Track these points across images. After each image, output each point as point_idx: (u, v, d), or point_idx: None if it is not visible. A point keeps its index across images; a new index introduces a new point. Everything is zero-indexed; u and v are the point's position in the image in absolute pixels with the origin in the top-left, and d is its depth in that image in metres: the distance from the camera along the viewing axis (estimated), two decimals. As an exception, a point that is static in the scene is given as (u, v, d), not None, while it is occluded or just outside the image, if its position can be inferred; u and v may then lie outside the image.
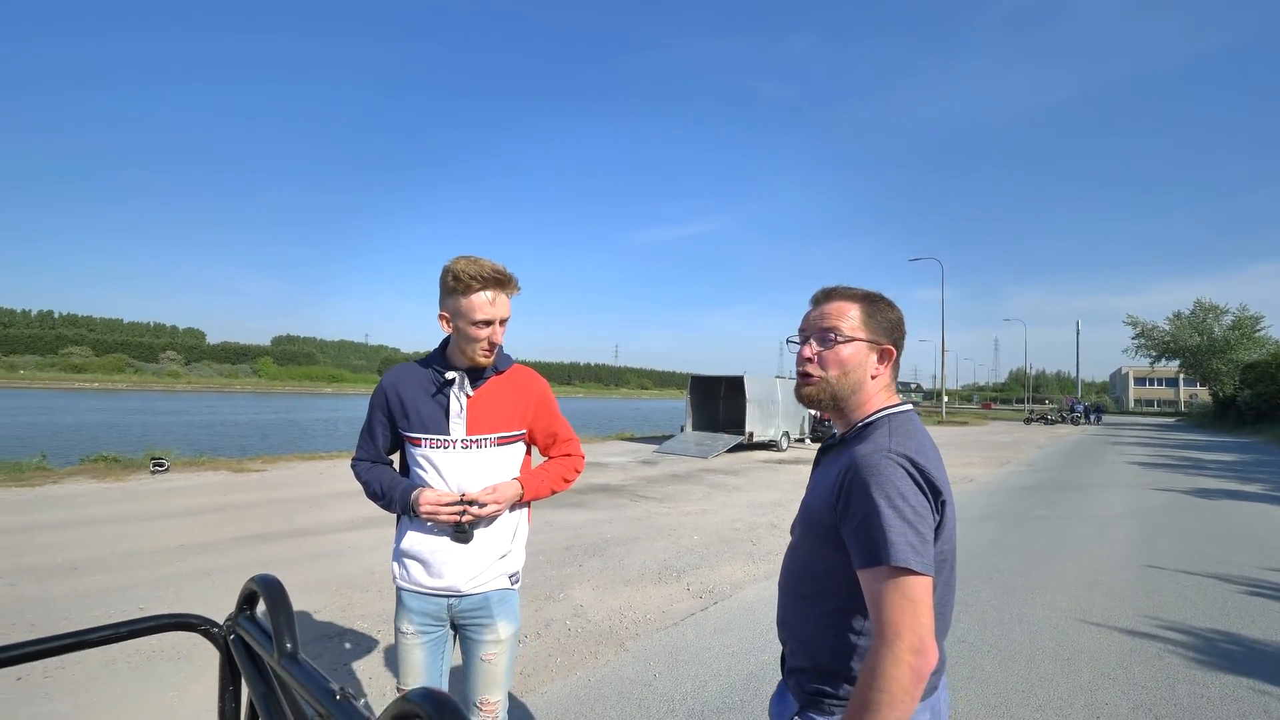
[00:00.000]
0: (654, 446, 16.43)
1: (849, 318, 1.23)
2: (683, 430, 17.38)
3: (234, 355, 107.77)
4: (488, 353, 1.79)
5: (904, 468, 1.08)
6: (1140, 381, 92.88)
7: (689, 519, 7.57)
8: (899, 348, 1.26)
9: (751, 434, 15.95)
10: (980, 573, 5.46)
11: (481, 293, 1.72)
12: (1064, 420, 39.66)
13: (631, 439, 19.20)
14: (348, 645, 3.71)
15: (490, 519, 1.82)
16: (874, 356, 1.24)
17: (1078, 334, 63.75)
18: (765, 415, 16.64)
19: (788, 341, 1.33)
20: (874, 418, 1.21)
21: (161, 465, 9.71)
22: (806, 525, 1.23)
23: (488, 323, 1.74)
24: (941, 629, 1.17)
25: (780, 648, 1.33)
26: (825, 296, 1.28)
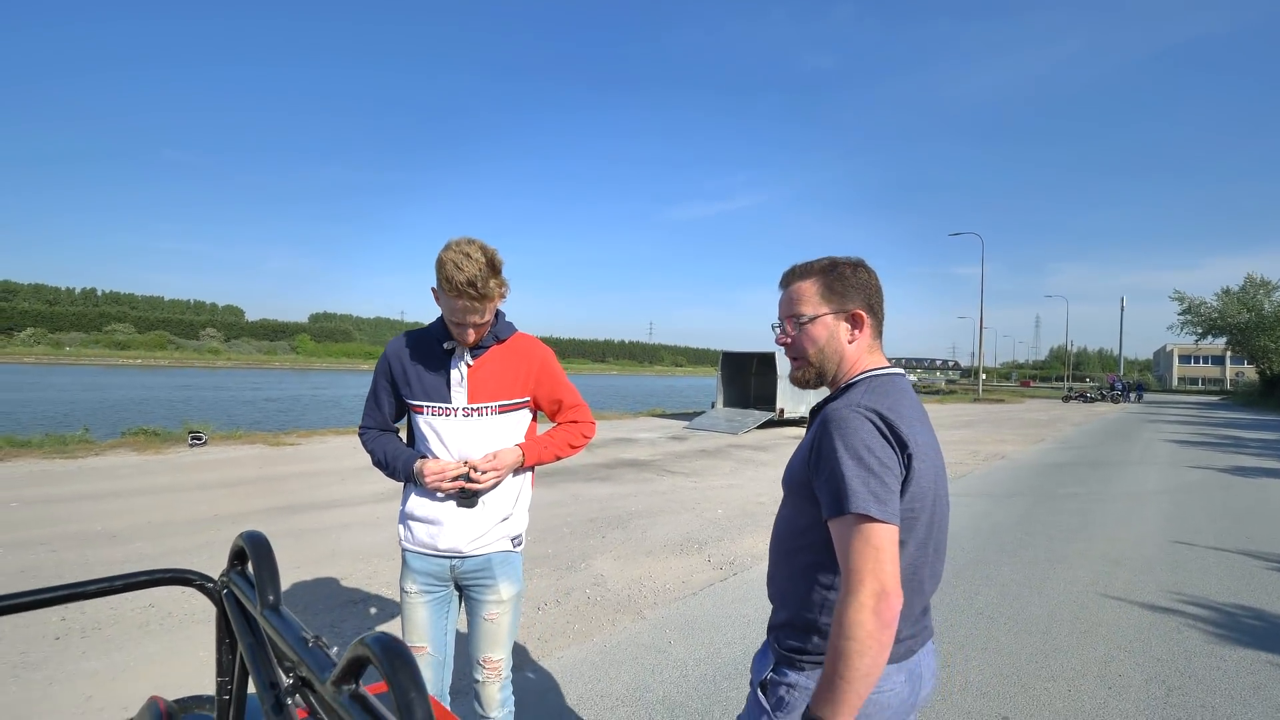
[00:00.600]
0: (684, 422, 16.45)
1: (809, 297, 1.27)
2: (713, 406, 17.35)
3: (272, 332, 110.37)
4: (467, 341, 1.82)
5: (871, 420, 1.10)
6: (1185, 359, 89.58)
7: (715, 493, 7.60)
8: (873, 308, 1.27)
9: (782, 410, 15.86)
10: (1005, 548, 5.40)
11: (456, 300, 1.72)
12: (1103, 398, 38.55)
13: (662, 415, 19.24)
14: (372, 610, 3.84)
15: (494, 485, 1.85)
16: (844, 324, 1.26)
17: (1122, 310, 61.70)
18: (796, 392, 16.44)
19: (771, 327, 1.37)
20: (856, 379, 1.23)
21: (199, 439, 10.05)
22: (789, 483, 1.26)
23: (461, 325, 1.77)
24: (916, 588, 1.17)
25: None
26: (786, 279, 1.32)
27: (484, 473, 1.80)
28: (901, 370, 1.27)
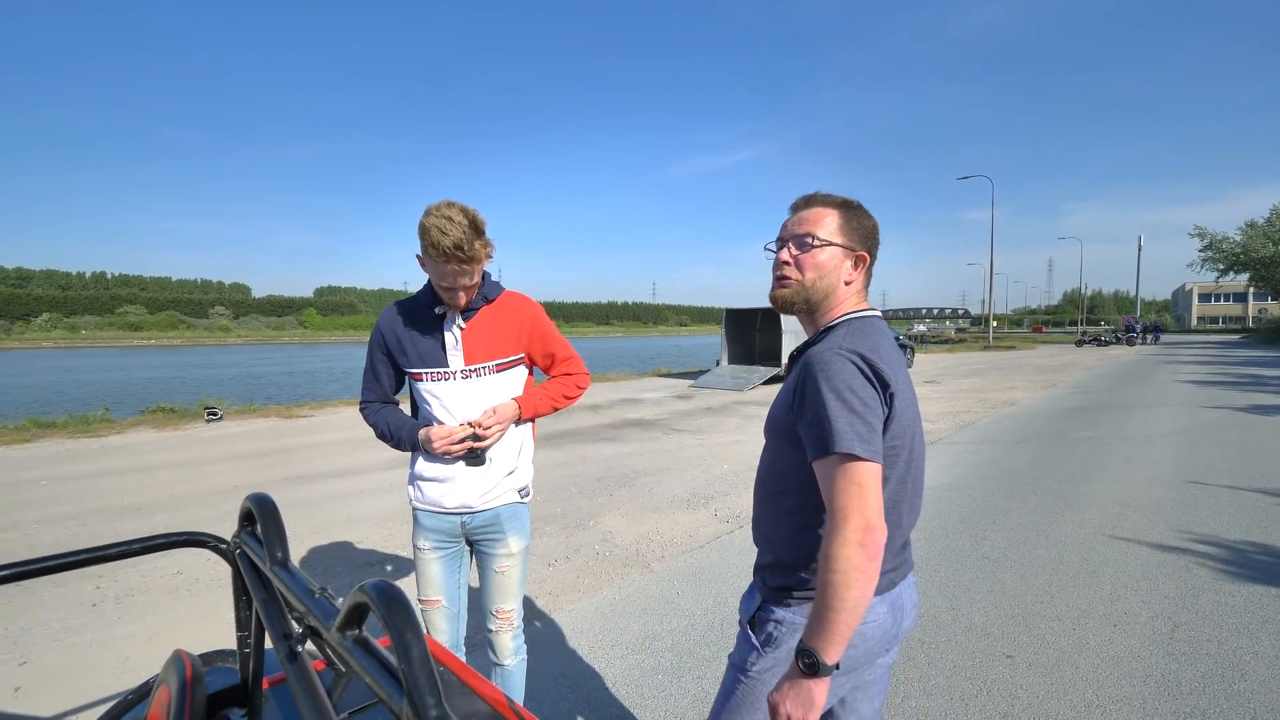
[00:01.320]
0: (690, 381, 16.48)
1: (826, 223, 1.26)
2: (718, 364, 17.32)
3: (279, 307, 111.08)
4: (458, 305, 1.83)
5: (853, 362, 1.12)
6: (1205, 298, 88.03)
7: (720, 449, 7.66)
8: (873, 255, 1.30)
9: (788, 366, 15.82)
10: (1013, 493, 5.42)
11: (444, 265, 1.71)
12: (1119, 341, 38.05)
13: (668, 375, 19.30)
14: (389, 568, 3.95)
15: (499, 438, 1.89)
16: (849, 262, 1.27)
17: (1139, 250, 60.26)
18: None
19: (765, 248, 1.35)
20: (837, 321, 1.25)
21: (215, 414, 10.22)
22: (771, 427, 1.27)
23: (449, 289, 1.77)
24: (895, 522, 1.19)
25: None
26: (805, 203, 1.30)
27: (488, 428, 1.83)
28: (879, 313, 1.29)
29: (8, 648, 3.01)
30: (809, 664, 1.03)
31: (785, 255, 1.28)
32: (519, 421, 1.94)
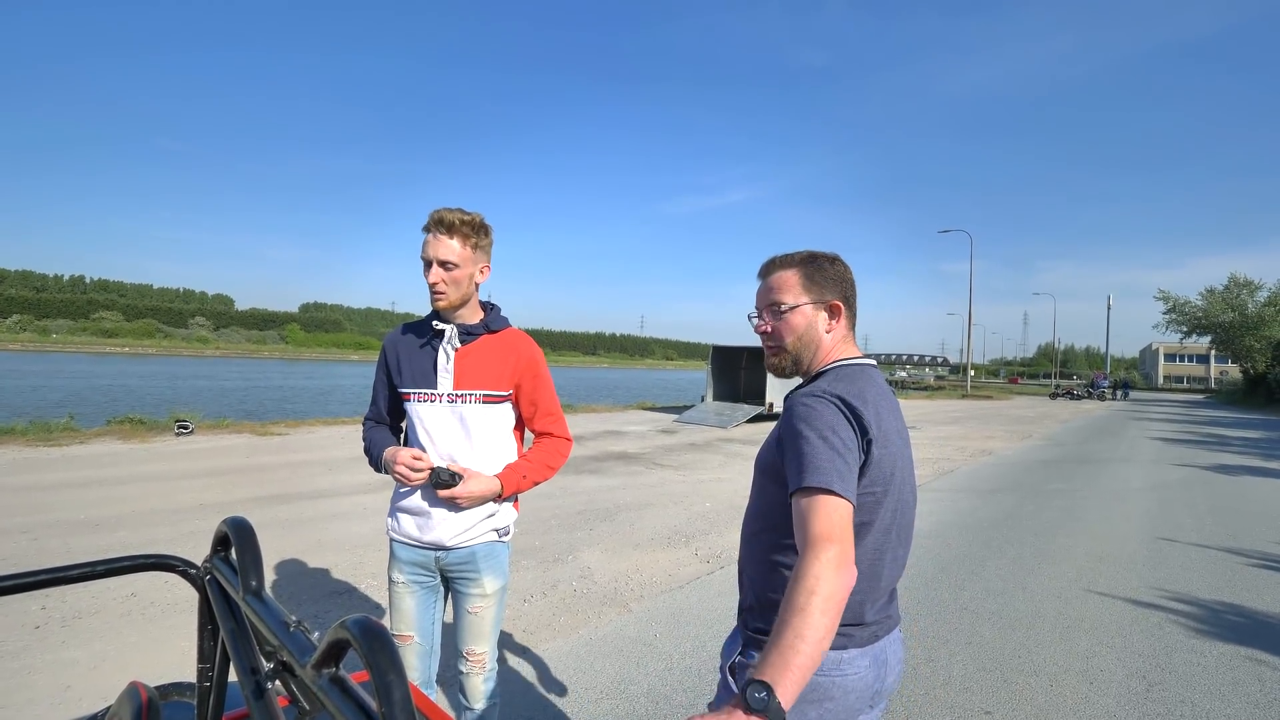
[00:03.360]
0: (674, 416, 16.46)
1: (791, 287, 1.30)
2: (703, 400, 17.37)
3: (262, 321, 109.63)
4: (436, 297, 1.79)
5: (835, 404, 1.14)
6: (1170, 358, 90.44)
7: (703, 486, 7.61)
8: (849, 301, 1.33)
9: (772, 404, 15.89)
10: (990, 544, 5.44)
11: (427, 236, 1.78)
12: (1090, 395, 38.95)
13: (652, 408, 19.26)
14: (358, 600, 3.82)
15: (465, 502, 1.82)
16: (823, 314, 1.30)
17: (1109, 309, 62.10)
18: (786, 386, 16.57)
19: (748, 318, 1.40)
20: (826, 368, 1.28)
21: (186, 428, 9.96)
22: (758, 467, 1.30)
23: (427, 263, 1.77)
24: (879, 574, 1.19)
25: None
26: (766, 269, 1.35)
27: (452, 479, 1.76)
28: (872, 360, 1.31)
29: (-55, 669, 2.84)
30: (759, 698, 0.87)
31: (763, 325, 1.34)
32: (499, 499, 1.87)
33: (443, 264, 1.76)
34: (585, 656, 3.19)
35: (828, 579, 0.96)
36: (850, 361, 1.28)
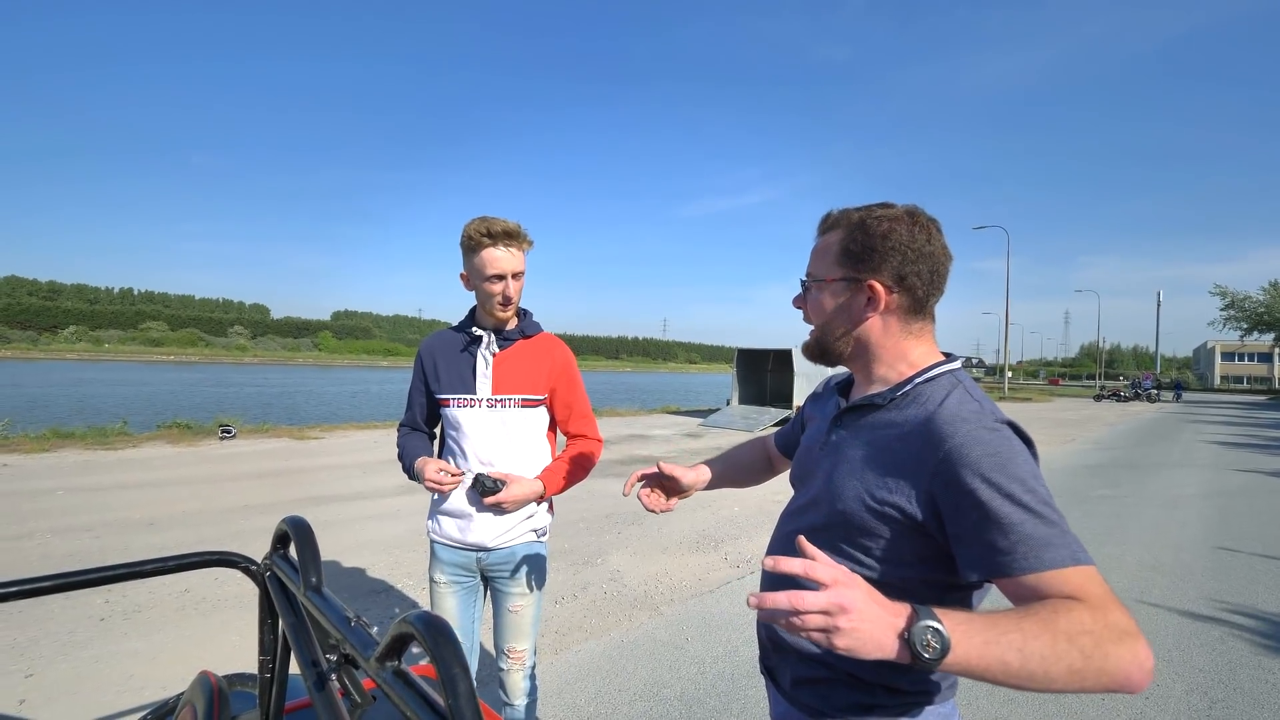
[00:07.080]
0: (699, 420, 16.38)
1: (826, 255, 1.01)
2: (729, 404, 17.27)
3: (296, 330, 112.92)
4: (504, 307, 1.83)
5: (1019, 438, 0.87)
6: (1228, 357, 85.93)
7: (730, 491, 7.50)
8: (905, 279, 0.95)
9: (798, 408, 15.75)
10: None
11: (491, 249, 1.77)
12: (1139, 397, 37.39)
13: (677, 412, 19.20)
14: (396, 599, 3.88)
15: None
16: (861, 298, 0.97)
17: (1158, 305, 59.83)
18: (813, 389, 16.35)
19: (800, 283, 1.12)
20: (934, 374, 0.96)
21: (229, 432, 10.29)
22: (848, 516, 0.95)
23: (499, 277, 1.79)
24: None
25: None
26: (820, 227, 1.06)
27: (496, 486, 1.77)
28: (958, 364, 1.00)
29: (15, 658, 2.98)
30: (931, 647, 0.68)
31: (796, 299, 1.08)
32: (540, 500, 1.91)
33: (515, 276, 1.81)
34: (617, 659, 3.18)
35: (1117, 658, 0.71)
36: (945, 368, 0.97)
